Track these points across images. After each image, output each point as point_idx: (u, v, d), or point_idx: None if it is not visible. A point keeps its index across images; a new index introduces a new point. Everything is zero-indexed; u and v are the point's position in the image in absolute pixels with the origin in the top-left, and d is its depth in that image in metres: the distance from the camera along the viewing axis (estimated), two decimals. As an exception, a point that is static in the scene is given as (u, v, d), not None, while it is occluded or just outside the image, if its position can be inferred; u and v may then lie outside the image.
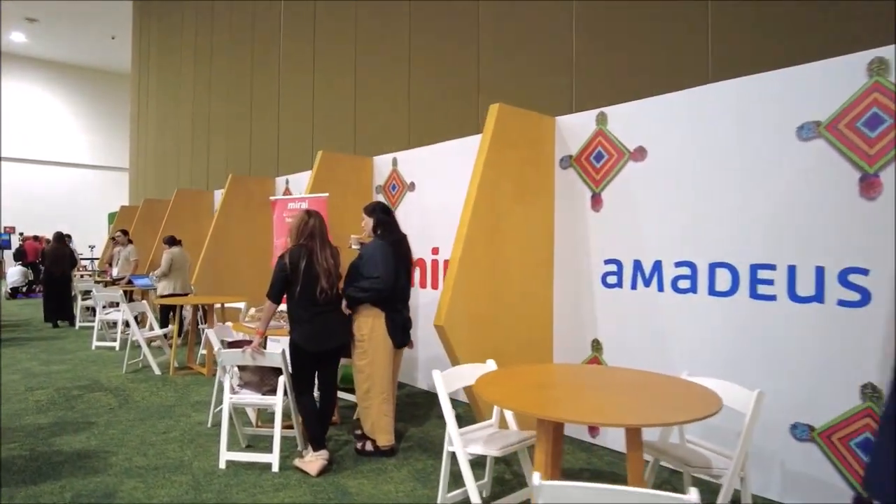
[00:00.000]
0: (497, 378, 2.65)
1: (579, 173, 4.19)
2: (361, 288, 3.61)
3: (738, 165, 3.37)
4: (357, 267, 3.67)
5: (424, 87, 6.64)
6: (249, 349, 3.44)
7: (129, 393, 5.22)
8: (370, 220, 3.88)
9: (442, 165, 5.39)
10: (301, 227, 3.52)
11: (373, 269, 3.60)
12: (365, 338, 3.67)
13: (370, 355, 3.66)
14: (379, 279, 3.58)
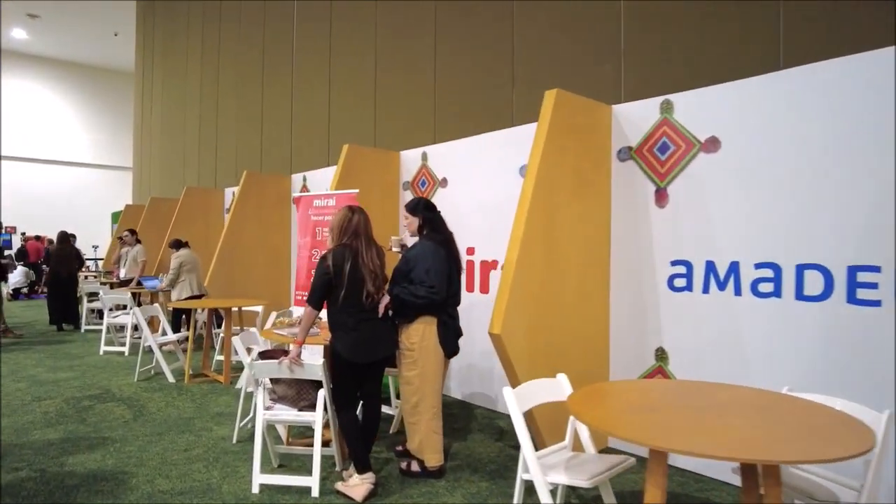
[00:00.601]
0: (590, 398, 2.29)
1: (641, 166, 3.83)
2: (414, 294, 3.23)
3: (830, 156, 3.01)
4: (403, 271, 3.31)
5: (453, 79, 6.28)
6: (286, 360, 3.08)
7: (144, 403, 4.86)
8: (415, 220, 3.50)
9: (476, 160, 5.04)
10: (344, 225, 3.16)
11: (424, 274, 3.23)
12: (415, 346, 3.31)
13: (420, 366, 3.30)
14: (435, 289, 3.21)
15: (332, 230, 3.20)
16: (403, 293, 3.24)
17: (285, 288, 7.55)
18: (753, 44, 3.94)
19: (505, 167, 4.74)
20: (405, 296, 3.23)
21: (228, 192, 9.47)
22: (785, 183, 3.18)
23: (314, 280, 3.11)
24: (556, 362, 3.56)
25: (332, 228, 3.21)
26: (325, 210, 4.97)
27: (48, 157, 23.37)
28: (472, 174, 5.05)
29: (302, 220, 5.15)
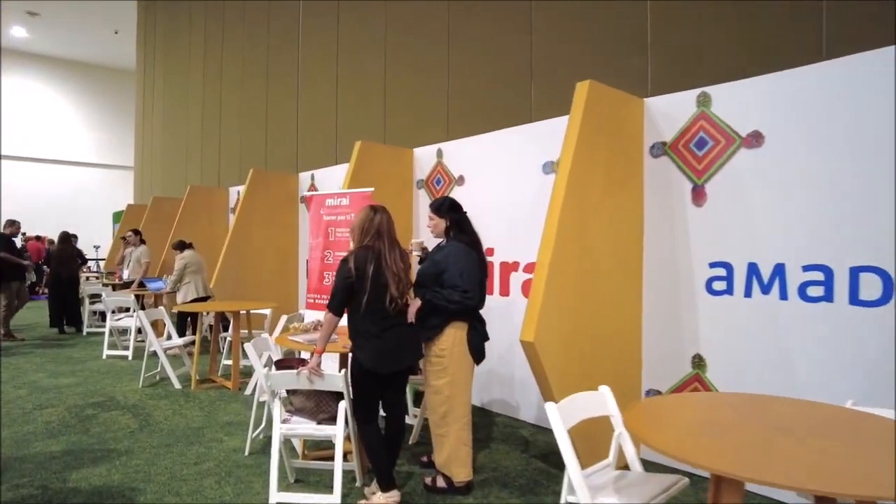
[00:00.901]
0: (648, 417, 2.08)
1: (676, 162, 3.63)
2: (448, 298, 3.03)
3: (885, 150, 2.81)
4: (432, 274, 3.10)
5: (467, 74, 6.07)
6: (305, 370, 2.88)
7: (150, 412, 4.65)
8: (441, 221, 3.28)
9: (495, 157, 4.83)
10: (366, 226, 2.96)
11: (458, 278, 3.03)
12: (445, 353, 3.11)
13: (451, 373, 3.10)
14: (469, 293, 3.03)
15: (353, 231, 3.00)
16: (436, 298, 3.04)
17: (293, 290, 7.35)
18: (792, 33, 3.73)
19: (527, 164, 4.54)
20: (438, 300, 3.04)
21: (233, 190, 9.27)
22: (836, 179, 2.98)
23: (335, 284, 2.90)
24: (590, 371, 3.37)
25: (352, 229, 3.01)
26: (339, 209, 4.76)
27: (48, 156, 23.16)
28: (491, 171, 4.84)
29: (314, 219, 4.94)
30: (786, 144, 3.17)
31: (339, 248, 4.72)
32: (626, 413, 2.08)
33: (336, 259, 4.74)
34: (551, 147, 4.37)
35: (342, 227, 4.72)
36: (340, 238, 4.73)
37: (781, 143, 3.19)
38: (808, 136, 3.09)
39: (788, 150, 3.16)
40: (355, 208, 4.63)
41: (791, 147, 3.15)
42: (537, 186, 4.45)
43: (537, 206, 4.43)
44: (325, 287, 4.80)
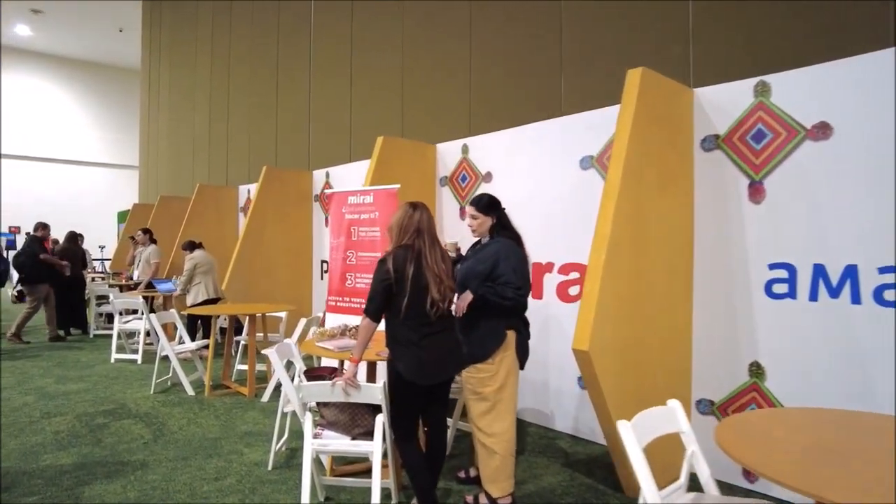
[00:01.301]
0: (743, 437, 1.84)
1: (731, 156, 3.38)
2: (501, 294, 2.84)
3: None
4: (479, 272, 2.89)
5: (490, 66, 5.83)
6: (341, 381, 2.64)
7: (163, 421, 4.42)
8: (487, 219, 3.08)
9: (526, 151, 4.59)
10: (405, 223, 2.72)
11: (511, 273, 2.86)
12: (496, 358, 2.89)
13: (500, 380, 2.89)
14: (522, 290, 2.88)
15: (391, 229, 2.76)
16: (489, 293, 2.84)
17: (306, 292, 7.12)
18: (858, 15, 3.48)
19: (562, 159, 4.29)
20: (491, 296, 2.84)
21: (243, 189, 9.05)
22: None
23: (372, 287, 2.67)
24: (643, 381, 3.13)
25: (390, 228, 2.77)
26: (362, 207, 4.53)
27: (52, 155, 22.96)
28: (522, 167, 4.60)
29: (335, 218, 4.71)
30: (856, 136, 2.92)
31: (362, 248, 4.49)
32: (722, 434, 1.83)
33: (360, 260, 4.51)
34: (589, 141, 4.14)
35: (366, 226, 4.49)
36: (364, 237, 4.49)
37: (851, 134, 2.94)
38: (881, 127, 2.84)
39: (859, 143, 2.91)
40: (380, 206, 4.40)
41: (862, 139, 2.90)
42: (574, 182, 4.21)
43: (575, 202, 4.20)
44: (348, 289, 4.57)
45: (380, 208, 4.41)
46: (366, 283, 4.45)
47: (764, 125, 3.24)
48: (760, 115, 3.26)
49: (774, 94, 3.21)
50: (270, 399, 4.97)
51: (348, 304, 4.56)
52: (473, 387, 2.95)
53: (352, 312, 4.54)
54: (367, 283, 4.44)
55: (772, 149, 3.21)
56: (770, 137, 3.22)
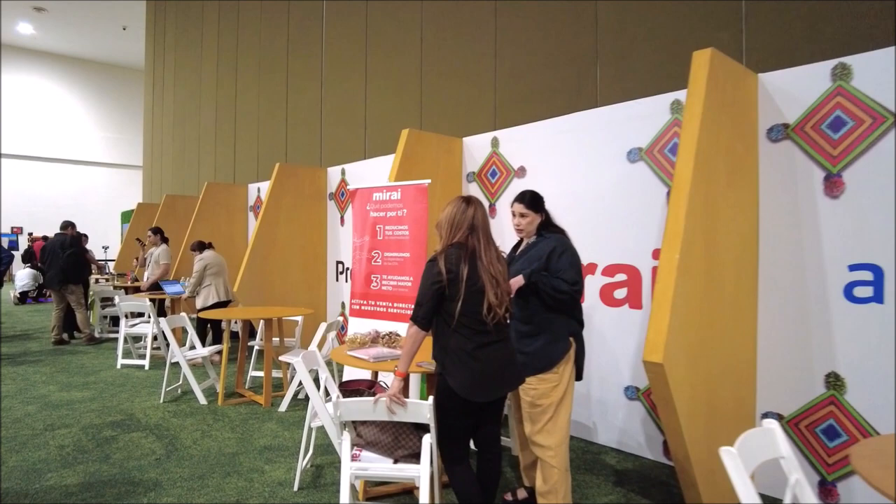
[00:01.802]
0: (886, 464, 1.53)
1: (803, 147, 3.07)
2: (555, 287, 2.67)
3: None
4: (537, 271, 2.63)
5: (518, 55, 5.52)
6: (385, 398, 2.33)
7: (175, 433, 4.11)
8: (537, 217, 2.89)
9: (564, 144, 4.29)
10: (457, 219, 2.42)
11: (569, 267, 2.71)
12: (559, 368, 2.68)
13: (562, 389, 2.68)
14: (578, 286, 2.71)
15: (441, 226, 2.45)
16: (543, 282, 2.66)
17: (321, 294, 6.81)
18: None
19: (607, 151, 3.99)
20: (544, 286, 2.66)
21: (252, 187, 8.74)
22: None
23: (421, 291, 2.36)
24: (711, 394, 2.82)
25: (439, 224, 2.47)
26: (388, 204, 4.22)
27: (54, 155, 22.72)
28: (560, 161, 4.29)
29: (359, 216, 4.40)
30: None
31: (389, 248, 4.18)
32: (861, 463, 1.52)
33: (386, 261, 4.20)
34: (637, 132, 3.83)
35: (392, 224, 4.18)
36: (391, 237, 4.19)
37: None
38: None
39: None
40: (409, 203, 4.10)
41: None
42: (620, 176, 3.90)
43: (620, 198, 3.90)
44: (373, 292, 4.26)
45: (408, 205, 4.10)
46: (393, 286, 4.15)
47: (843, 112, 2.93)
48: (839, 101, 2.95)
49: (856, 77, 2.90)
50: (288, 408, 4.66)
51: (373, 308, 4.26)
52: (533, 399, 2.67)
53: (377, 317, 4.23)
54: (394, 285, 4.14)
55: (853, 138, 2.90)
56: (851, 125, 2.91)
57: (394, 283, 4.15)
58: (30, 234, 19.01)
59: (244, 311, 5.33)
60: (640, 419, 3.82)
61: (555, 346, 2.76)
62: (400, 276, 4.11)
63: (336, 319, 4.86)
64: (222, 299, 6.47)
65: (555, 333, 2.77)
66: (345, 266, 6.61)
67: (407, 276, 4.08)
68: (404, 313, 4.07)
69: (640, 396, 3.80)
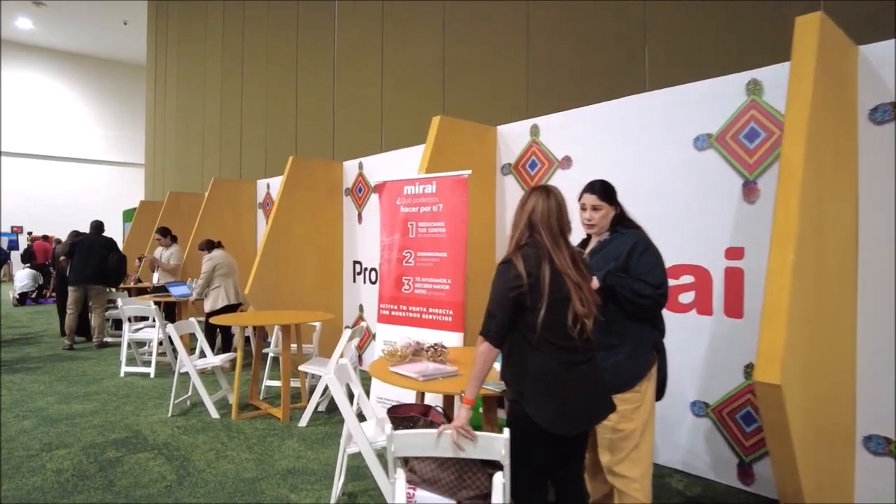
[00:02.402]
0: None
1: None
2: (636, 291, 2.31)
3: None
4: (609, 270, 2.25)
5: (553, 38, 5.10)
6: (451, 431, 1.91)
7: (187, 454, 3.70)
8: (611, 210, 2.51)
9: (614, 132, 3.87)
10: (515, 215, 2.02)
11: (653, 269, 2.35)
12: (642, 386, 2.30)
13: (645, 412, 2.32)
14: (662, 290, 2.34)
15: (516, 221, 2.03)
16: (621, 285, 2.29)
17: (336, 296, 6.39)
18: None
19: (668, 138, 3.57)
20: (623, 289, 2.28)
21: (261, 183, 8.33)
22: None
23: (494, 298, 1.94)
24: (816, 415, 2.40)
25: (515, 221, 2.04)
26: (421, 199, 3.80)
27: (54, 153, 22.31)
28: (612, 149, 3.87)
29: (388, 212, 3.98)
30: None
31: (423, 247, 3.77)
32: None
33: (420, 261, 3.78)
34: (706, 116, 3.41)
35: (427, 221, 3.76)
36: (424, 235, 3.77)
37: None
38: None
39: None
40: (446, 197, 3.68)
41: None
42: (685, 166, 3.48)
43: (686, 190, 3.48)
44: (404, 295, 3.85)
45: (445, 199, 3.69)
46: (428, 289, 3.74)
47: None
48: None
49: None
50: (309, 423, 4.25)
51: (405, 314, 3.84)
52: (615, 423, 2.27)
53: (409, 323, 3.82)
54: (429, 288, 3.73)
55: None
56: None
57: (429, 285, 3.73)
58: (29, 233, 18.63)
59: (259, 317, 4.92)
60: (709, 438, 3.40)
61: (636, 360, 2.37)
62: (436, 278, 3.70)
63: (360, 326, 4.45)
64: (232, 302, 6.06)
65: (636, 345, 2.37)
66: (363, 266, 6.19)
67: (444, 279, 3.66)
68: (441, 320, 3.66)
69: (710, 413, 3.39)
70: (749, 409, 3.21)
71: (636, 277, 2.36)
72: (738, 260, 3.27)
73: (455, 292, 3.60)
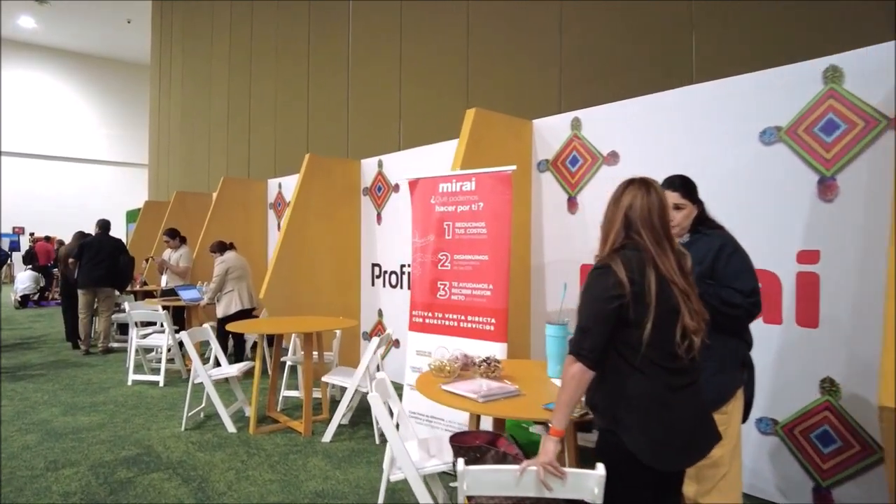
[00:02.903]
0: None
1: None
2: (725, 300, 2.07)
3: None
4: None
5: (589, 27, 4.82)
6: (538, 468, 1.62)
7: (205, 474, 3.40)
8: (694, 209, 2.26)
9: (666, 125, 3.58)
10: (609, 211, 1.73)
11: (741, 276, 2.10)
12: (729, 408, 2.07)
13: (733, 436, 2.09)
14: (754, 299, 2.09)
15: (609, 220, 1.73)
16: (709, 293, 2.02)
17: (353, 300, 6.10)
18: None
19: (729, 132, 3.28)
20: (712, 298, 2.02)
21: (272, 183, 8.04)
22: None
23: (589, 310, 1.64)
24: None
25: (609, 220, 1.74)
26: (458, 197, 3.51)
27: (56, 153, 22.05)
28: (664, 145, 3.58)
29: (421, 211, 3.69)
30: None
31: (461, 250, 3.47)
32: None
33: (457, 265, 3.49)
34: (774, 107, 3.12)
35: (465, 221, 3.47)
36: (463, 236, 3.48)
37: None
38: None
39: None
40: (487, 195, 3.39)
41: None
42: (750, 162, 3.19)
43: (752, 188, 3.19)
44: (440, 302, 3.55)
45: (486, 197, 3.39)
46: (466, 295, 3.44)
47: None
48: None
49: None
50: (334, 438, 3.95)
51: (440, 322, 3.54)
52: None
53: (444, 332, 3.52)
54: (467, 294, 3.43)
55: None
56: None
57: (467, 291, 3.43)
58: (31, 234, 18.36)
59: (279, 324, 4.63)
60: (777, 458, 3.11)
61: (723, 377, 2.10)
62: (476, 282, 3.40)
63: (386, 334, 4.16)
64: (245, 307, 5.77)
65: (722, 361, 2.10)
66: (382, 269, 5.90)
67: (484, 284, 3.36)
68: (481, 328, 3.37)
69: (779, 431, 3.09)
70: (827, 428, 2.91)
71: (724, 284, 2.10)
72: (813, 264, 2.98)
73: (497, 298, 3.30)
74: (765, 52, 3.63)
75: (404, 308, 5.59)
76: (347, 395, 3.96)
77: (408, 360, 3.74)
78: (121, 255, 7.24)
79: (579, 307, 1.66)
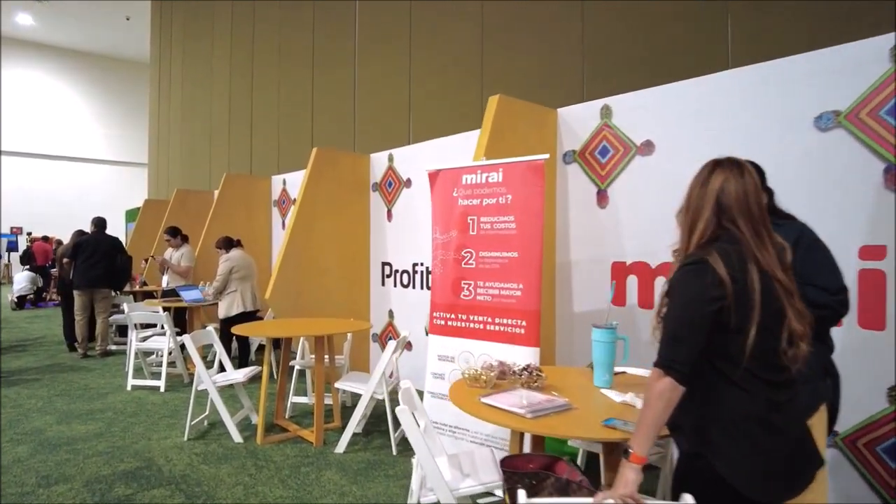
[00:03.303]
0: None
1: None
2: (810, 299, 1.71)
3: None
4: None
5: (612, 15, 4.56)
6: (615, 500, 1.35)
7: (211, 490, 3.14)
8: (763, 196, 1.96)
9: (707, 112, 3.31)
10: (692, 197, 1.48)
11: (824, 272, 1.89)
12: (812, 421, 1.76)
13: None
14: (843, 297, 1.87)
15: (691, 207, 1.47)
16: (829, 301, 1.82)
17: (362, 300, 5.83)
18: None
19: (781, 117, 3.01)
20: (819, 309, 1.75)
21: (276, 179, 7.78)
22: None
23: (681, 316, 1.38)
24: None
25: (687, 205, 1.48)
26: (484, 189, 3.24)
27: (54, 152, 21.77)
28: (704, 133, 3.31)
29: (442, 205, 3.42)
30: None
31: (487, 246, 3.20)
32: None
33: (482, 262, 3.22)
34: (831, 90, 2.85)
35: (491, 215, 3.20)
36: (489, 231, 3.21)
37: None
38: None
39: None
40: (515, 186, 3.13)
41: None
42: (804, 150, 2.93)
43: (806, 178, 2.92)
44: (463, 303, 3.28)
45: (515, 189, 3.13)
46: (493, 296, 3.17)
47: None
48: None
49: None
50: (347, 448, 3.69)
51: (464, 324, 3.27)
52: None
53: (469, 335, 3.26)
54: (494, 294, 3.16)
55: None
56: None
57: (494, 291, 3.17)
58: (29, 233, 18.09)
59: (288, 326, 4.36)
60: (839, 472, 2.84)
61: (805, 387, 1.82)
62: (504, 282, 3.13)
63: (403, 337, 3.89)
64: (249, 309, 5.51)
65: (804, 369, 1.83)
66: (393, 268, 5.63)
67: (514, 283, 3.10)
68: (510, 332, 3.10)
69: (839, 442, 2.83)
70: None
71: (804, 281, 1.83)
72: (879, 260, 2.71)
73: (528, 300, 3.04)
74: (813, 33, 3.37)
75: (417, 309, 5.34)
76: (363, 402, 3.69)
77: (428, 365, 3.47)
78: (118, 254, 6.97)
79: (668, 311, 1.39)
